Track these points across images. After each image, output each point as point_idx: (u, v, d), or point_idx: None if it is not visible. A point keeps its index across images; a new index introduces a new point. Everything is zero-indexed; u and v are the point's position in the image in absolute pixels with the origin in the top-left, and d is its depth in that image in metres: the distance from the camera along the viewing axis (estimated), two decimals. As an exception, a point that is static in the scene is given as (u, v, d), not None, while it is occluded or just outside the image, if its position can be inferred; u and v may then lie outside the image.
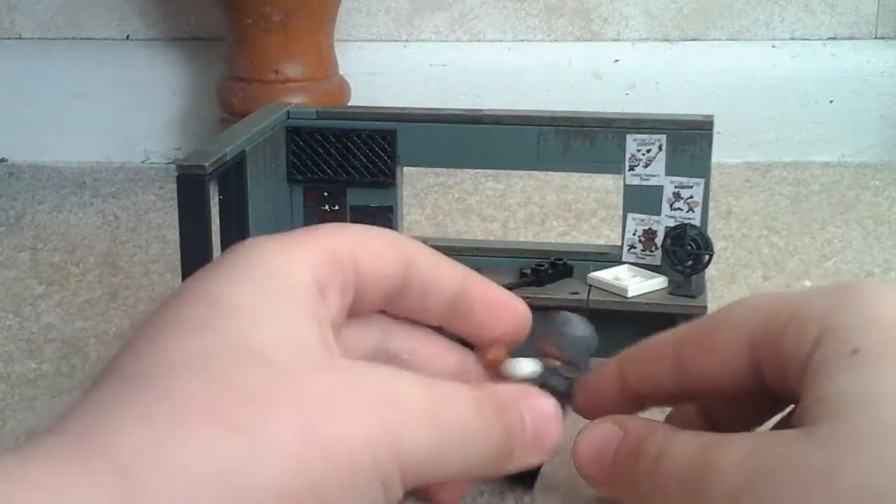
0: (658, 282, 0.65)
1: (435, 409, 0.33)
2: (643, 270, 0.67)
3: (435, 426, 0.33)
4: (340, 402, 0.31)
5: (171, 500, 0.27)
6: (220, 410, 0.30)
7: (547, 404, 0.38)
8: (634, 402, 0.43)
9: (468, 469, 0.35)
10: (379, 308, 0.41)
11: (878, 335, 0.34)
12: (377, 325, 0.41)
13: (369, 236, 0.39)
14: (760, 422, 0.43)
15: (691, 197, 0.66)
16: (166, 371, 0.31)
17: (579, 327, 0.41)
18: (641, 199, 0.67)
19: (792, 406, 0.42)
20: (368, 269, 0.39)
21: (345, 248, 0.38)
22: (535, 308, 0.67)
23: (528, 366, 0.41)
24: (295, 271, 0.35)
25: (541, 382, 0.42)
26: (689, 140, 0.66)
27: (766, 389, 0.39)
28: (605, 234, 0.96)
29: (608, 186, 1.06)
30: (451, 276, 0.41)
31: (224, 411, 0.30)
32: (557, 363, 0.42)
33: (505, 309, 0.42)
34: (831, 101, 1.23)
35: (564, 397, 0.42)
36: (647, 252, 0.67)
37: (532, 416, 0.37)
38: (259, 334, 0.32)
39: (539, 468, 0.42)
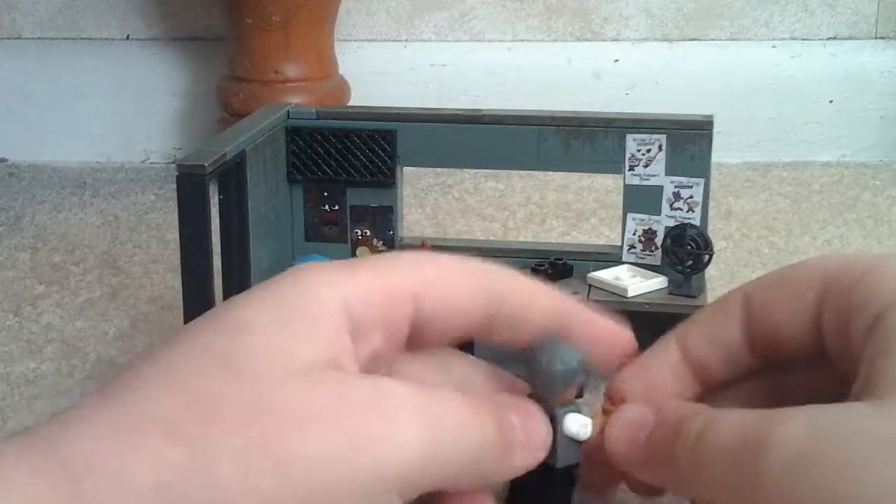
0: (658, 282, 0.65)
1: (427, 410, 0.32)
2: (643, 270, 0.67)
3: (427, 428, 0.32)
4: (299, 414, 0.30)
5: None
6: (172, 421, 0.29)
7: (530, 404, 0.37)
8: (696, 380, 0.40)
9: (469, 472, 0.34)
10: (463, 339, 0.38)
11: None
12: (447, 367, 0.39)
13: (446, 271, 0.37)
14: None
15: (691, 197, 0.66)
16: (140, 384, 0.31)
17: (555, 360, 0.38)
18: (641, 199, 0.67)
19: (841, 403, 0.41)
20: (438, 307, 0.36)
21: (407, 283, 0.36)
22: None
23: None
24: (325, 299, 0.34)
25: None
26: (689, 140, 0.66)
27: (822, 351, 0.37)
28: (605, 234, 0.96)
29: (608, 186, 1.07)
30: (545, 305, 0.38)
31: (176, 422, 0.29)
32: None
33: (612, 341, 0.39)
34: (831, 101, 1.23)
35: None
36: (647, 252, 0.67)
37: (520, 415, 0.36)
38: (246, 347, 0.32)
39: (573, 490, 0.40)
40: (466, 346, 0.40)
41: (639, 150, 0.66)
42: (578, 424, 0.38)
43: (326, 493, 0.30)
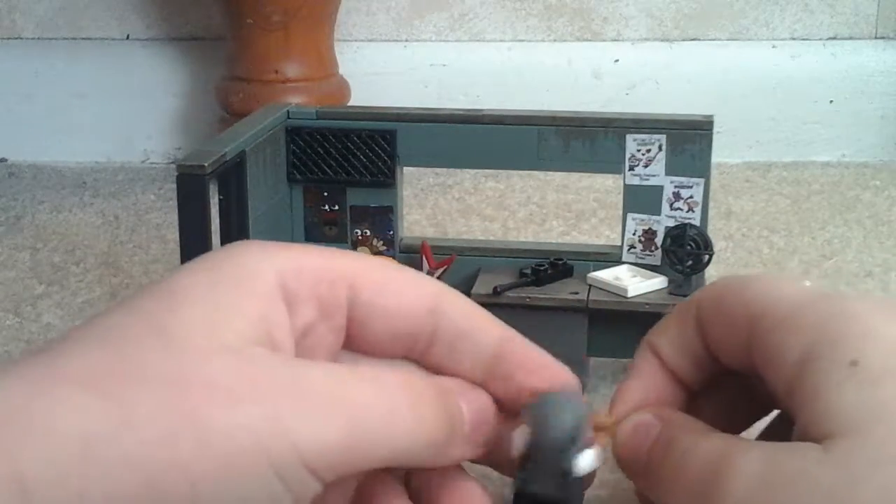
0: (658, 282, 0.65)
1: (342, 396, 0.32)
2: (643, 270, 0.67)
3: (340, 414, 0.32)
4: (227, 387, 0.30)
5: (34, 458, 0.28)
6: (98, 380, 0.30)
7: (483, 397, 0.37)
8: (677, 388, 0.42)
9: (401, 457, 0.33)
10: (404, 353, 0.38)
11: (876, 346, 0.34)
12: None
13: (388, 272, 0.37)
14: (748, 424, 0.43)
15: (691, 197, 0.66)
16: (74, 343, 0.31)
17: (554, 419, 0.37)
18: (641, 199, 0.67)
19: (775, 413, 0.41)
20: (375, 301, 0.36)
21: (345, 271, 0.36)
22: (534, 308, 0.67)
23: (521, 441, 0.38)
24: (259, 271, 0.34)
25: (529, 454, 0.39)
26: (689, 140, 0.66)
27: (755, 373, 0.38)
28: (605, 234, 0.96)
29: (608, 186, 1.07)
30: (488, 333, 0.38)
31: (102, 382, 0.30)
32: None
33: (545, 375, 0.39)
34: (831, 101, 1.23)
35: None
36: (647, 252, 0.67)
37: (469, 407, 0.36)
38: (181, 316, 0.32)
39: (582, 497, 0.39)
40: None
41: (639, 150, 0.66)
42: (589, 461, 0.38)
43: (242, 468, 0.30)
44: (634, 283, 0.65)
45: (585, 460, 0.38)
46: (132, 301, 0.33)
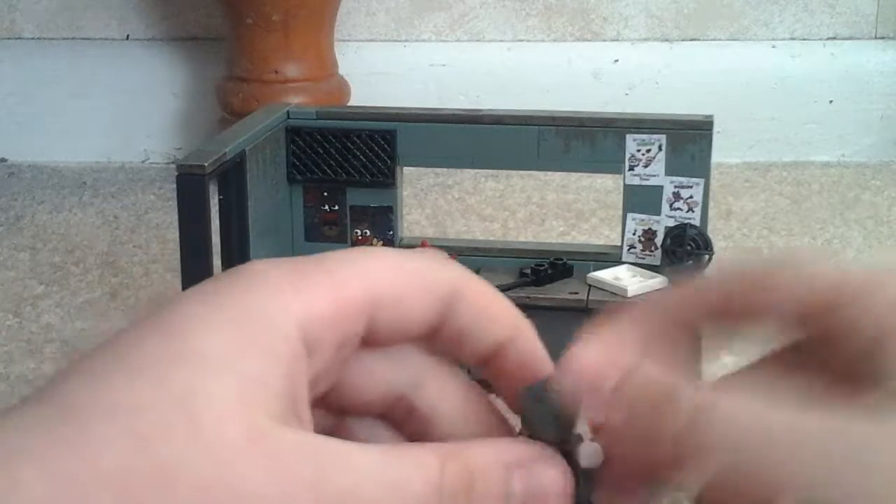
0: (658, 282, 0.65)
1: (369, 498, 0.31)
2: (643, 270, 0.67)
3: None
4: (256, 496, 0.30)
5: None
6: (126, 485, 0.27)
7: (552, 475, 0.33)
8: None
9: None
10: (408, 342, 0.35)
11: None
12: (407, 364, 0.36)
13: (401, 276, 0.34)
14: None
15: (691, 197, 0.66)
16: (90, 421, 0.29)
17: (553, 402, 0.36)
18: (641, 199, 0.67)
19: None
20: (391, 318, 0.35)
21: (361, 295, 0.34)
22: (534, 308, 0.67)
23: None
24: (281, 322, 0.31)
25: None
26: (689, 140, 0.66)
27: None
28: (605, 235, 0.96)
29: (608, 186, 1.06)
30: (498, 328, 0.35)
31: (131, 487, 0.27)
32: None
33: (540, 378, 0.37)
34: (831, 101, 1.23)
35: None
36: (647, 252, 0.67)
37: (526, 488, 0.32)
38: (210, 392, 0.29)
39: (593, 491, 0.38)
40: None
41: (639, 150, 0.66)
42: (590, 454, 0.36)
43: None
44: (634, 283, 0.65)
45: (585, 453, 0.37)
46: (145, 358, 0.30)
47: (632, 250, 0.68)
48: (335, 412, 0.36)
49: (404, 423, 0.35)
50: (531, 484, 0.32)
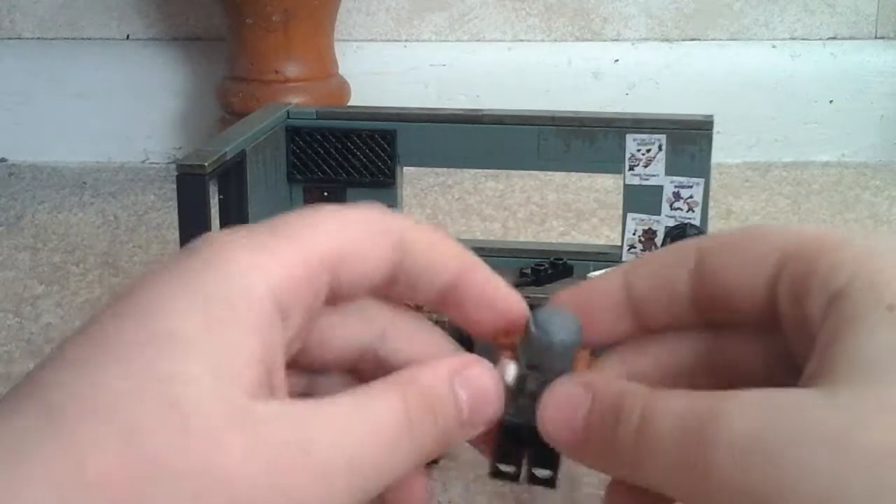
0: (658, 282, 0.65)
1: (345, 452, 0.31)
2: (643, 270, 0.67)
3: (344, 475, 0.31)
4: (243, 481, 0.29)
5: None
6: (112, 479, 0.27)
7: (483, 374, 0.35)
8: (633, 320, 0.38)
9: (401, 474, 0.33)
10: (365, 295, 0.37)
11: None
12: (370, 317, 0.37)
13: (356, 231, 0.35)
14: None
15: (691, 197, 0.66)
16: (72, 411, 0.29)
17: (555, 331, 0.37)
18: (641, 199, 0.67)
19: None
20: (352, 273, 0.36)
21: (323, 251, 0.34)
22: (534, 308, 0.67)
23: (511, 371, 0.38)
24: (253, 291, 0.32)
25: (519, 385, 0.39)
26: (689, 140, 0.66)
27: (771, 320, 0.36)
28: (605, 234, 0.96)
29: (608, 186, 1.06)
30: (447, 265, 0.37)
31: (117, 482, 0.27)
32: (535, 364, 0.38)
33: (497, 307, 0.38)
34: (831, 101, 1.23)
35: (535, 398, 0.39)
36: (647, 252, 0.67)
37: (468, 391, 0.35)
38: (187, 375, 0.30)
39: (557, 466, 0.39)
40: (464, 340, 0.39)
41: (639, 150, 0.66)
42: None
43: None
44: (634, 283, 0.65)
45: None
46: (119, 342, 0.30)
47: (632, 250, 0.68)
48: (304, 371, 0.37)
49: (374, 374, 0.35)
50: (472, 386, 0.35)
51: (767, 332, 0.36)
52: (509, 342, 0.38)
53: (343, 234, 0.35)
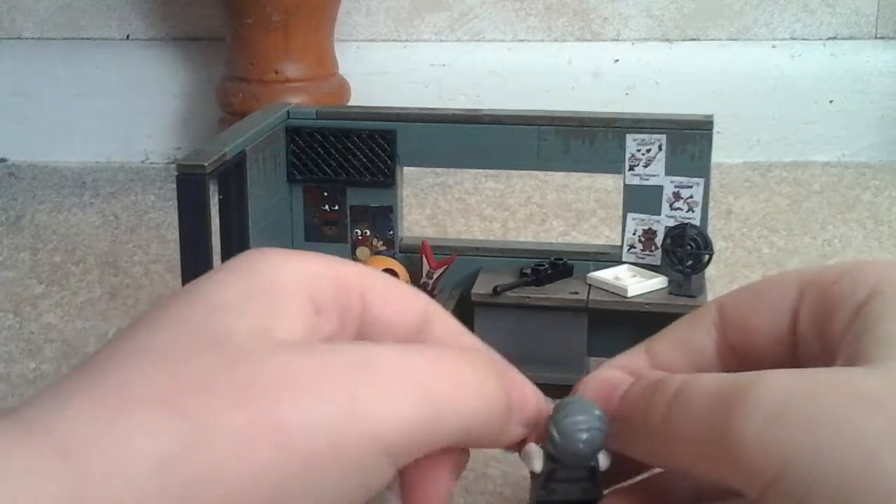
0: (658, 282, 0.65)
1: (413, 371, 0.32)
2: (643, 270, 0.67)
3: (413, 389, 0.32)
4: (295, 382, 0.30)
5: (113, 485, 0.27)
6: (164, 398, 0.29)
7: (525, 381, 0.37)
8: None
9: (469, 433, 0.33)
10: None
11: None
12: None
13: (390, 282, 0.38)
14: None
15: (691, 197, 0.66)
16: (124, 362, 0.31)
17: (578, 438, 0.37)
18: (641, 199, 0.67)
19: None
20: (381, 313, 0.36)
21: (358, 281, 0.36)
22: (534, 308, 0.67)
23: (538, 462, 0.38)
24: (289, 278, 0.34)
25: (549, 474, 0.38)
26: (689, 140, 0.66)
27: (795, 358, 0.37)
28: (605, 234, 0.96)
29: (608, 186, 1.07)
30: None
31: (169, 399, 0.29)
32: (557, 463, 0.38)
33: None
34: (831, 101, 1.23)
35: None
36: (647, 252, 0.67)
37: (515, 388, 0.36)
38: (230, 326, 0.32)
39: (598, 481, 0.39)
40: None
41: (639, 150, 0.66)
42: (607, 456, 0.38)
43: (323, 460, 0.29)
44: (634, 282, 0.65)
45: (605, 456, 0.38)
46: (169, 312, 0.32)
47: (632, 250, 0.68)
48: None
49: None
50: (516, 389, 0.36)
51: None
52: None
53: (374, 272, 0.38)
